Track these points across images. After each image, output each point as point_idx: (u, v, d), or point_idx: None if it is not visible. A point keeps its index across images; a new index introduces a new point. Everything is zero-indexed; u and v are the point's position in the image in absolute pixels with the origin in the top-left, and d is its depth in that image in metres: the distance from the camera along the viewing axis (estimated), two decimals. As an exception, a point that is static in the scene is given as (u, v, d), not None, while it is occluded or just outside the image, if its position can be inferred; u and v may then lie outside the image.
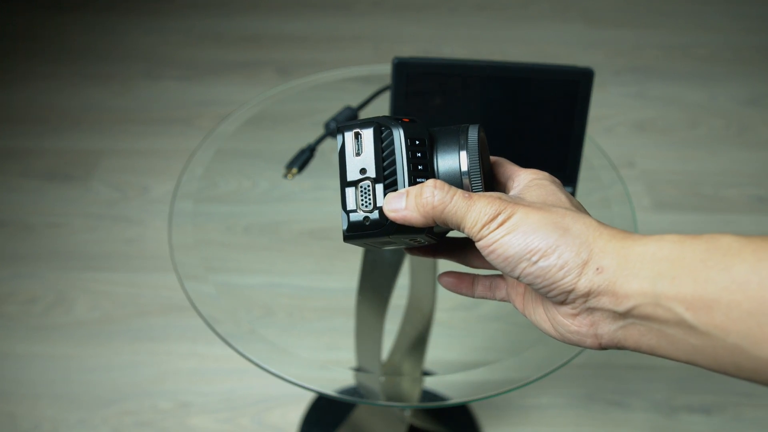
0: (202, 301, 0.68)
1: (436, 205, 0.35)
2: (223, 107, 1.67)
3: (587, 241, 0.33)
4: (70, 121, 1.64)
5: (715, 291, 0.29)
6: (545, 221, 0.33)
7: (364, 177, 0.37)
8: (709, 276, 0.29)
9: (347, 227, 0.37)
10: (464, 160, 0.37)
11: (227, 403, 1.14)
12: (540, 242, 0.33)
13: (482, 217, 0.34)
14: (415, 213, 0.35)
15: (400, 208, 0.36)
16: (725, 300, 0.29)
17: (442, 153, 0.38)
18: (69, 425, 1.10)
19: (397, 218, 0.36)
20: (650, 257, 0.31)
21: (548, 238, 0.33)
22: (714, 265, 0.29)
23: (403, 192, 0.36)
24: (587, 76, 0.56)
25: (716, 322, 0.29)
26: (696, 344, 0.30)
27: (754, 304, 0.28)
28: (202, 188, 0.80)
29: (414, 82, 0.56)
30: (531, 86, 0.57)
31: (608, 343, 0.34)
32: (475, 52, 1.88)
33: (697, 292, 0.29)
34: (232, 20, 1.97)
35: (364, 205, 0.37)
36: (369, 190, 0.37)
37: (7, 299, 1.27)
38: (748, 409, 1.15)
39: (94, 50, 1.86)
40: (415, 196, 0.35)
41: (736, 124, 1.68)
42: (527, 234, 0.33)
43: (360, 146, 0.37)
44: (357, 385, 0.72)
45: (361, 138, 0.37)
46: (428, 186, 0.35)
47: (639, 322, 0.32)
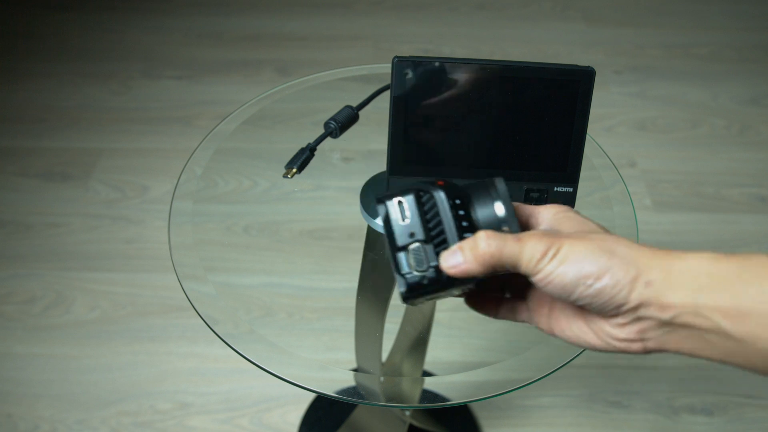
0: (201, 301, 0.68)
1: (494, 253, 0.38)
2: (223, 107, 1.67)
3: (633, 260, 0.37)
4: (68, 121, 1.64)
5: (749, 303, 0.34)
6: (591, 248, 0.37)
7: (413, 240, 0.40)
8: (744, 290, 0.34)
9: (407, 289, 0.40)
10: (501, 209, 0.41)
11: (226, 404, 1.13)
12: (592, 267, 0.37)
13: (536, 254, 0.38)
14: (474, 264, 0.39)
15: (459, 263, 0.39)
16: (758, 310, 0.34)
17: (479, 207, 0.42)
18: (68, 426, 1.10)
19: (457, 273, 0.39)
20: (691, 272, 0.36)
21: (598, 262, 0.37)
22: (748, 279, 0.34)
23: (455, 249, 0.39)
24: (588, 76, 0.56)
25: (749, 329, 0.34)
26: (731, 347, 0.35)
27: None
28: (201, 188, 0.80)
29: (414, 82, 0.56)
30: (531, 86, 0.56)
31: (653, 347, 0.38)
32: (475, 51, 1.87)
33: (734, 304, 0.34)
34: (232, 19, 1.97)
35: (419, 266, 0.40)
36: (421, 252, 0.40)
37: (6, 299, 1.27)
38: (749, 409, 1.14)
39: (93, 49, 1.85)
40: (471, 249, 0.39)
41: (738, 124, 1.67)
42: (579, 262, 0.37)
43: (404, 212, 0.41)
44: (357, 385, 0.71)
45: (404, 205, 0.41)
46: (481, 238, 0.39)
47: (681, 329, 0.37)
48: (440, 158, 0.59)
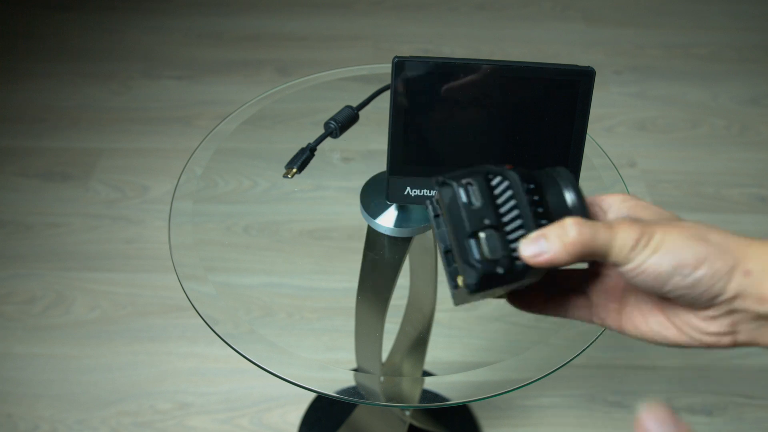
0: (201, 301, 0.68)
1: (585, 241, 0.35)
2: (223, 107, 1.67)
3: (729, 248, 0.35)
4: (68, 121, 1.64)
5: None
6: (686, 235, 0.35)
7: (484, 226, 0.36)
8: None
9: (478, 280, 0.36)
10: (571, 197, 0.38)
11: (226, 404, 1.13)
12: (689, 256, 0.35)
13: (628, 242, 0.35)
14: (561, 253, 0.35)
15: (543, 251, 0.35)
16: None
17: (548, 194, 0.38)
18: (68, 426, 1.10)
19: (541, 262, 0.36)
20: None
21: (695, 250, 0.34)
22: None
23: (537, 236, 0.36)
24: (588, 76, 0.56)
25: None
26: None
27: None
28: (201, 188, 0.80)
29: (414, 82, 0.56)
30: (531, 86, 0.56)
31: (744, 341, 0.37)
32: (475, 51, 1.87)
33: None
34: (232, 19, 1.97)
35: (493, 254, 0.36)
36: (495, 239, 0.36)
37: (6, 299, 1.27)
38: (749, 409, 1.14)
39: (93, 49, 1.85)
40: (560, 237, 0.35)
41: (738, 124, 1.67)
42: (675, 250, 0.35)
43: (472, 195, 0.37)
44: (357, 385, 0.71)
45: (473, 187, 0.37)
46: (570, 225, 0.35)
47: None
48: (440, 158, 0.59)
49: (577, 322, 0.43)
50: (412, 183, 0.60)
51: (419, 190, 0.60)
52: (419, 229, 0.64)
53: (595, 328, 0.65)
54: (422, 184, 0.60)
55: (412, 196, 0.60)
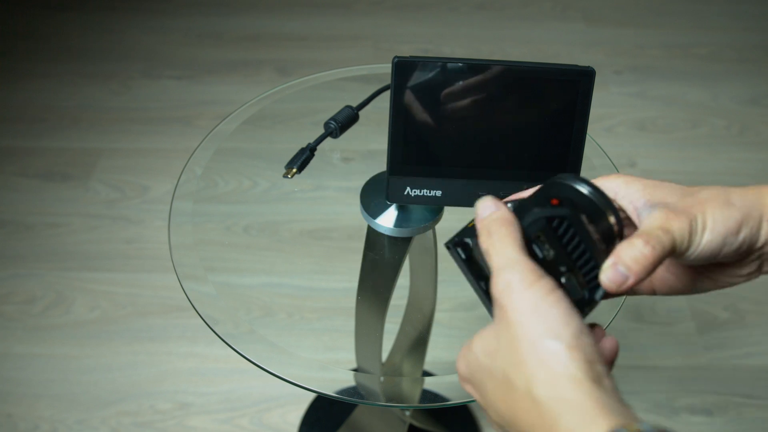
0: (201, 302, 0.68)
1: (658, 255, 0.37)
2: (223, 107, 1.67)
3: (752, 203, 0.39)
4: (68, 121, 1.64)
5: None
6: (719, 207, 0.39)
7: (561, 273, 0.38)
8: None
9: None
10: (610, 208, 0.40)
11: (226, 404, 1.13)
12: (731, 225, 0.38)
13: (684, 234, 0.38)
14: (642, 273, 0.37)
15: (627, 276, 0.37)
16: None
17: (595, 220, 0.40)
18: (68, 426, 1.10)
19: (628, 287, 0.37)
20: None
21: (733, 218, 0.38)
22: None
23: (613, 265, 0.37)
24: (588, 76, 0.56)
25: None
26: None
27: None
28: (201, 188, 0.80)
29: (414, 82, 0.56)
30: (531, 86, 0.56)
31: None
32: (475, 51, 1.87)
33: None
34: (232, 20, 1.97)
35: (575, 295, 0.38)
36: (573, 280, 0.38)
37: (6, 299, 1.27)
38: (749, 409, 1.14)
39: (93, 49, 1.85)
40: (636, 260, 0.37)
41: (738, 124, 1.67)
42: (719, 225, 0.38)
43: (544, 251, 0.38)
44: (357, 385, 0.71)
45: (542, 244, 0.38)
46: (641, 244, 0.37)
47: None
48: (440, 158, 0.59)
49: None
50: (412, 183, 0.60)
51: (419, 190, 0.60)
52: (419, 229, 0.64)
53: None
54: (422, 184, 0.60)
55: (412, 196, 0.60)
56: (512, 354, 0.34)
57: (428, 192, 0.60)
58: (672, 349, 1.22)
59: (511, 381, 0.34)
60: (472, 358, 0.38)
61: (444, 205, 0.64)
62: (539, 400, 0.33)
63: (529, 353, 0.33)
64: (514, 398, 0.34)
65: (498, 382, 0.36)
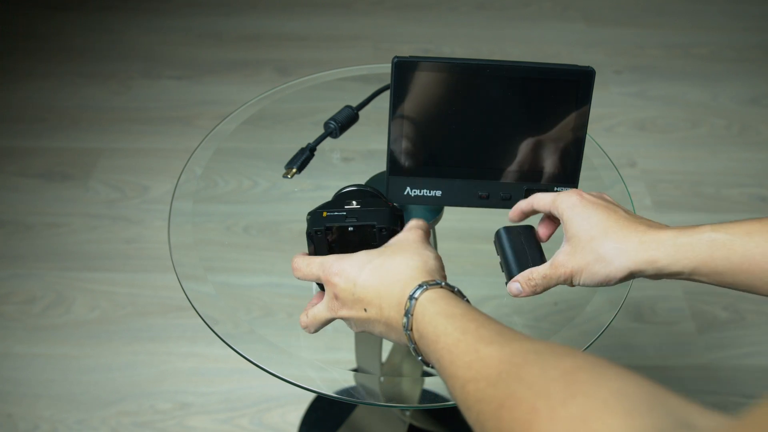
0: (201, 302, 0.68)
1: (531, 292, 0.55)
2: (223, 107, 1.67)
3: (638, 258, 0.50)
4: (68, 121, 1.64)
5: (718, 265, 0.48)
6: (597, 267, 0.51)
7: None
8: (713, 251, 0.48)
9: None
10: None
11: (226, 404, 1.13)
12: (602, 279, 0.51)
13: (560, 281, 0.53)
14: (526, 294, 0.55)
15: (519, 293, 0.55)
16: (724, 266, 0.47)
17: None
18: (67, 426, 1.10)
19: (518, 296, 0.56)
20: (672, 237, 0.49)
21: (606, 275, 0.51)
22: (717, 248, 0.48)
23: (513, 281, 0.56)
24: (588, 76, 0.56)
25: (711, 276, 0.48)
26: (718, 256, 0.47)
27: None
28: (201, 188, 0.80)
29: (414, 82, 0.56)
30: (531, 86, 0.56)
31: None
32: (475, 51, 1.87)
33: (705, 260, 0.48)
34: (232, 19, 1.97)
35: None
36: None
37: (6, 299, 1.27)
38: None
39: (93, 49, 1.85)
40: (519, 292, 0.55)
41: (738, 124, 1.67)
42: (588, 281, 0.52)
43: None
44: (357, 385, 0.71)
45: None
46: (522, 285, 0.55)
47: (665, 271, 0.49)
48: (440, 158, 0.59)
49: (575, 321, 0.49)
50: (412, 183, 0.60)
51: (419, 190, 0.60)
52: (419, 229, 0.64)
53: (594, 328, 0.66)
54: (422, 184, 0.60)
55: (412, 196, 0.60)
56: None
57: (428, 192, 0.60)
58: (672, 349, 1.22)
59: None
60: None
61: (444, 205, 0.64)
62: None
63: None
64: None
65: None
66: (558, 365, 0.34)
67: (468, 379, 0.38)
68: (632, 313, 1.27)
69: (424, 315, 0.44)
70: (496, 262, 0.58)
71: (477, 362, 0.38)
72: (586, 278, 0.51)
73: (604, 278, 0.50)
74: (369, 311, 0.48)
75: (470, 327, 0.41)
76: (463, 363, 0.39)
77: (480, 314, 0.43)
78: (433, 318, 0.43)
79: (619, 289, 0.70)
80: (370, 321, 0.48)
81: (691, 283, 1.38)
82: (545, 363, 0.34)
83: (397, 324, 0.46)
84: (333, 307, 0.50)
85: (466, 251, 0.99)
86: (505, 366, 0.36)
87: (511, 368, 0.35)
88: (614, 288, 0.70)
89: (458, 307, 0.44)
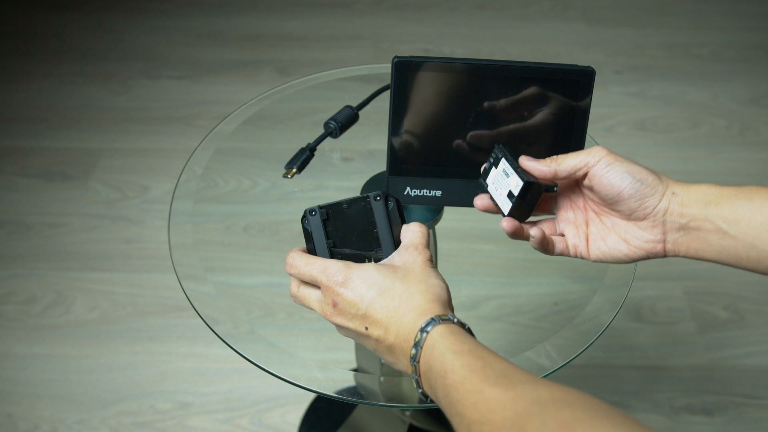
0: (201, 301, 0.68)
1: (551, 168, 0.54)
2: (223, 107, 1.67)
3: (659, 177, 0.52)
4: (68, 121, 1.64)
5: (742, 212, 0.49)
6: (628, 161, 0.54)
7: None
8: (739, 203, 0.49)
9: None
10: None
11: (226, 404, 1.13)
12: (637, 169, 0.53)
13: (592, 159, 0.53)
14: (547, 176, 0.54)
15: (543, 171, 0.54)
16: (747, 217, 0.49)
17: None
18: (68, 426, 1.10)
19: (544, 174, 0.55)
20: (702, 191, 0.51)
21: (636, 170, 0.53)
22: (743, 197, 0.50)
23: (527, 159, 0.55)
24: (588, 76, 0.56)
25: (741, 229, 0.49)
26: (726, 245, 0.50)
27: (764, 220, 0.48)
28: (201, 188, 0.80)
29: (414, 82, 0.56)
30: (532, 86, 0.56)
31: (671, 248, 0.52)
32: (476, 51, 1.87)
33: (731, 213, 0.49)
34: (232, 19, 1.97)
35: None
36: None
37: (6, 299, 1.27)
38: (749, 409, 1.14)
39: (93, 49, 1.85)
40: (539, 165, 0.54)
41: (738, 124, 1.67)
42: (618, 163, 0.53)
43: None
44: (357, 385, 0.71)
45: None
46: (544, 162, 0.55)
47: (693, 231, 0.51)
48: (440, 158, 0.59)
49: (576, 323, 0.49)
50: (412, 183, 0.60)
51: (419, 190, 0.60)
52: (419, 229, 0.64)
53: (594, 328, 0.66)
54: (422, 184, 0.60)
55: (412, 196, 0.60)
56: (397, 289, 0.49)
57: (428, 192, 0.60)
58: (672, 349, 1.22)
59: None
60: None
61: (444, 205, 0.64)
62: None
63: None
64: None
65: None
66: (558, 416, 0.35)
67: (473, 420, 0.39)
68: (632, 313, 1.27)
69: (434, 349, 0.44)
70: (496, 262, 0.58)
71: (482, 403, 0.39)
72: (615, 167, 0.51)
73: (635, 176, 0.51)
74: (371, 330, 0.47)
75: (477, 365, 0.41)
76: (469, 403, 0.39)
77: (487, 351, 0.43)
78: (442, 353, 0.43)
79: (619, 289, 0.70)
80: (368, 338, 0.48)
81: (691, 283, 1.38)
82: (546, 414, 0.36)
83: (401, 351, 0.46)
84: (327, 312, 0.50)
85: (466, 251, 0.99)
86: (509, 413, 0.37)
87: (514, 417, 0.37)
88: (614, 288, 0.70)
89: (466, 344, 0.44)
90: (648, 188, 0.51)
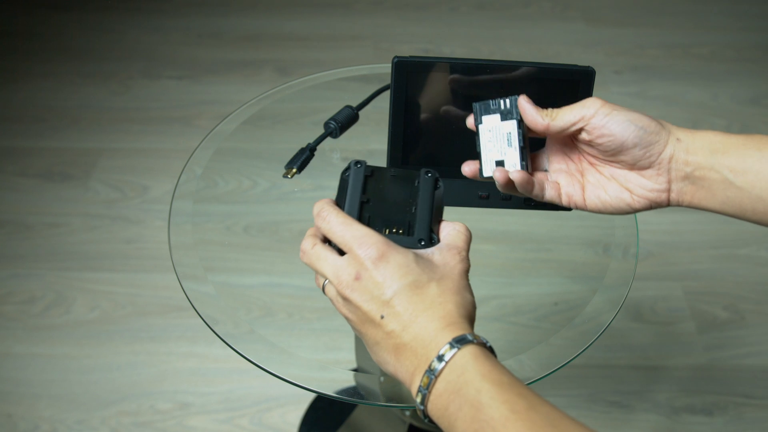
0: (201, 302, 0.68)
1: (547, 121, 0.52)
2: (223, 107, 1.67)
3: (663, 124, 0.50)
4: (68, 121, 1.64)
5: (749, 162, 0.47)
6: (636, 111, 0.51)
7: None
8: (746, 153, 0.47)
9: None
10: None
11: (226, 404, 1.13)
12: (642, 116, 0.49)
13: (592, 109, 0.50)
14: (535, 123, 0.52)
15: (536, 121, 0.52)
16: (755, 168, 0.47)
17: None
18: (68, 426, 1.10)
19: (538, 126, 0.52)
20: (708, 138, 0.49)
21: (640, 115, 0.49)
22: (750, 147, 0.48)
23: (525, 100, 0.53)
24: (588, 76, 0.56)
25: (748, 180, 0.47)
26: (731, 196, 0.48)
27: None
28: (201, 188, 0.80)
29: (414, 82, 0.56)
30: (531, 86, 0.56)
31: (675, 197, 0.50)
32: (476, 51, 1.87)
33: (738, 162, 0.47)
34: (232, 19, 1.97)
35: None
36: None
37: (6, 299, 1.27)
38: (749, 409, 1.14)
39: (93, 49, 1.85)
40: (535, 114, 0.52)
41: (738, 124, 1.67)
42: (624, 112, 0.50)
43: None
44: (357, 385, 0.71)
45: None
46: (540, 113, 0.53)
47: (698, 180, 0.49)
48: (440, 158, 0.59)
49: (576, 323, 0.47)
50: None
51: (419, 190, 0.60)
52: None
53: (594, 328, 0.65)
54: (422, 184, 0.60)
55: (412, 196, 0.60)
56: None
57: (428, 192, 0.60)
58: (672, 349, 1.22)
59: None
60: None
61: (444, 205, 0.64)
62: None
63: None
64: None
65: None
66: None
67: None
68: (632, 313, 1.27)
69: (465, 371, 0.40)
70: (496, 262, 0.58)
71: None
72: (614, 117, 0.49)
73: (637, 124, 0.48)
74: (386, 320, 0.42)
75: (520, 406, 0.38)
76: None
77: (526, 388, 0.39)
78: (477, 380, 0.39)
79: (619, 289, 0.70)
80: (376, 328, 0.43)
81: (691, 283, 1.38)
82: None
83: (412, 355, 0.42)
84: (342, 281, 0.44)
85: (466, 251, 0.99)
86: None
87: None
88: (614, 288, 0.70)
89: (505, 375, 0.40)
90: (652, 135, 0.49)
